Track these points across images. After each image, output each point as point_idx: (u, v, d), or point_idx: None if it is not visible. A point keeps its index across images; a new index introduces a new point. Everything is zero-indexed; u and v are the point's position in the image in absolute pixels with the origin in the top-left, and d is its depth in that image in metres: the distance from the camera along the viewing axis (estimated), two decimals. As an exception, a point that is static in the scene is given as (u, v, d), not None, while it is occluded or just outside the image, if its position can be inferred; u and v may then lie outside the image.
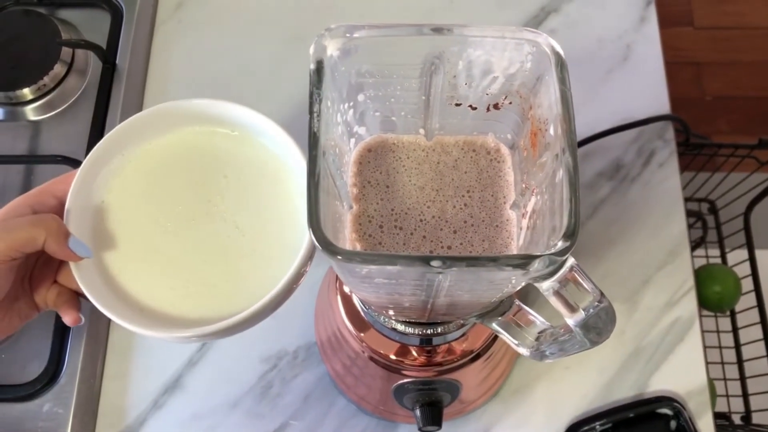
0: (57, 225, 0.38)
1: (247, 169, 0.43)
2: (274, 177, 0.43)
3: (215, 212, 0.42)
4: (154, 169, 0.43)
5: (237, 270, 0.41)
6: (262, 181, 0.43)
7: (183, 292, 0.40)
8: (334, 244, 0.31)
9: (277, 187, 0.42)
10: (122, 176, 0.43)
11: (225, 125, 0.44)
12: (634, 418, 0.61)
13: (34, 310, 0.42)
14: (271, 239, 0.41)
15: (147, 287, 0.40)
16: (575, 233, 0.31)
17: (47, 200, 0.41)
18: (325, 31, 0.34)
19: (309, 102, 0.33)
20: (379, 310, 0.47)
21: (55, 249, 0.38)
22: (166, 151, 0.43)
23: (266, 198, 0.42)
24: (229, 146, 0.44)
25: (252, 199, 0.42)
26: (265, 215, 0.42)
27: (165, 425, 0.62)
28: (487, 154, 0.42)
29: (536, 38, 0.34)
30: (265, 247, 0.41)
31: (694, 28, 1.64)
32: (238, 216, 0.42)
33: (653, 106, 0.72)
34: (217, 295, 0.40)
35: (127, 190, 0.42)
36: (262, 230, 0.42)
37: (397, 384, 0.54)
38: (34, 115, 0.72)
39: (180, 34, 0.77)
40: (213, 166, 0.43)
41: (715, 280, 0.97)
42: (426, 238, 0.40)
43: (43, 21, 0.73)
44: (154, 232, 0.42)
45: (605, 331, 0.34)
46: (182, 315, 0.40)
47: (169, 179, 0.43)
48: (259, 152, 0.43)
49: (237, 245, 0.41)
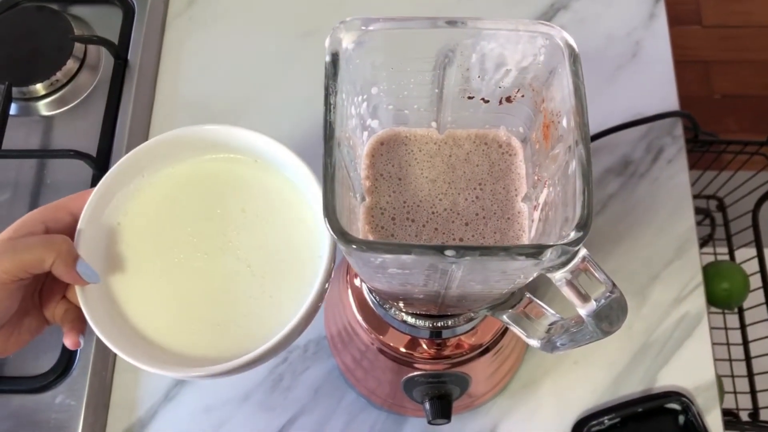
0: (67, 247, 0.38)
1: (266, 201, 0.42)
2: (292, 214, 0.41)
3: (229, 248, 0.41)
4: (172, 196, 0.42)
5: (244, 311, 0.40)
6: (279, 215, 0.41)
7: (187, 329, 0.39)
8: (349, 234, 0.31)
9: (295, 225, 0.41)
10: (139, 200, 0.42)
11: (246, 153, 0.43)
12: (642, 413, 0.61)
13: (43, 324, 0.42)
14: (282, 282, 0.40)
15: (151, 319, 0.39)
16: (588, 224, 0.31)
17: (62, 216, 0.40)
18: (341, 24, 0.35)
19: (324, 94, 0.34)
20: (390, 302, 0.48)
21: (62, 272, 0.37)
22: (185, 178, 0.42)
23: (282, 237, 0.41)
24: (249, 176, 0.42)
25: (268, 238, 0.41)
26: (279, 256, 0.41)
27: (176, 417, 0.62)
28: (499, 147, 0.42)
29: (550, 31, 0.35)
30: (275, 289, 0.40)
31: (702, 27, 1.64)
32: (252, 254, 0.41)
33: (662, 102, 0.72)
34: (221, 335, 0.39)
35: (143, 215, 0.41)
36: (274, 272, 0.40)
37: (407, 377, 0.54)
38: (46, 110, 0.72)
39: (191, 30, 0.78)
40: (232, 197, 0.42)
41: (723, 277, 0.97)
42: (438, 230, 0.40)
43: (56, 17, 0.74)
44: (165, 262, 0.40)
45: (617, 321, 0.34)
46: (182, 352, 0.39)
47: (186, 207, 0.42)
48: (278, 183, 0.42)
49: (247, 285, 0.40)
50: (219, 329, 0.39)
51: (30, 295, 0.41)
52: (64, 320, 0.40)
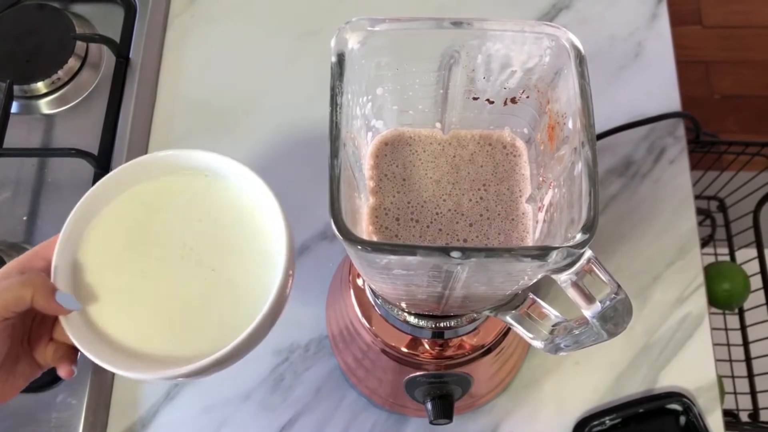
0: (42, 281, 0.40)
1: (221, 211, 0.44)
2: (246, 217, 0.44)
3: (191, 255, 0.43)
4: (130, 219, 0.44)
5: (216, 310, 0.42)
6: (235, 221, 0.44)
7: (168, 336, 0.42)
8: (354, 234, 0.31)
9: (250, 226, 0.44)
10: (101, 229, 0.44)
11: (197, 172, 0.45)
12: (643, 414, 0.61)
13: (36, 369, 0.43)
14: (247, 278, 0.42)
15: (132, 334, 0.42)
16: (594, 226, 0.31)
17: (36, 263, 0.42)
18: (347, 24, 0.35)
19: (330, 94, 0.33)
20: (393, 303, 0.48)
21: (43, 304, 0.39)
22: (141, 200, 0.45)
23: (240, 238, 0.44)
24: (202, 191, 0.45)
25: (226, 241, 0.44)
26: (240, 255, 0.43)
27: (177, 417, 0.62)
28: (503, 148, 0.42)
29: (555, 32, 0.35)
30: (241, 286, 0.42)
31: (703, 27, 1.64)
32: (214, 258, 0.43)
33: (664, 103, 0.72)
34: (200, 336, 0.41)
35: (107, 242, 0.44)
36: (237, 270, 0.43)
37: (409, 377, 0.54)
38: (48, 108, 0.72)
39: (193, 29, 0.78)
40: (187, 209, 0.45)
41: (723, 277, 0.97)
42: (442, 231, 0.40)
43: (57, 15, 0.73)
44: (134, 280, 0.43)
45: (622, 322, 0.34)
46: (159, 356, 0.41)
47: (145, 227, 0.44)
48: (230, 194, 0.45)
49: (214, 286, 0.43)
50: (196, 331, 0.42)
51: (19, 341, 0.42)
52: (54, 359, 0.43)
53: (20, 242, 0.67)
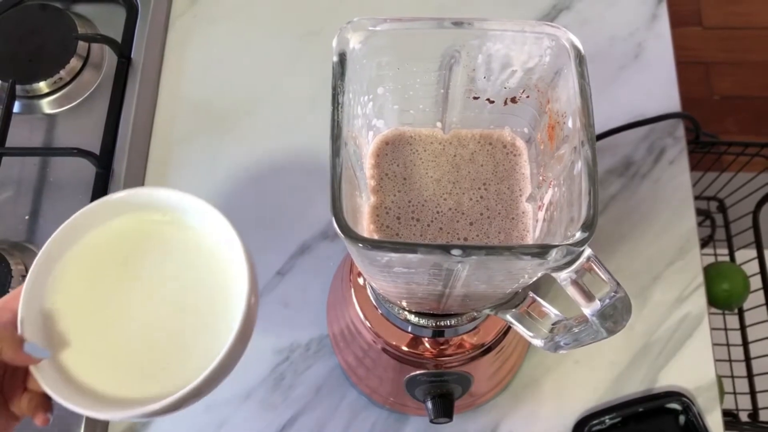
0: (10, 334, 0.40)
1: (184, 248, 0.45)
2: (209, 253, 0.45)
3: (155, 294, 0.44)
4: (93, 263, 0.45)
5: (183, 347, 0.43)
6: (197, 257, 0.45)
7: (138, 376, 0.42)
8: (356, 232, 0.31)
9: (213, 262, 0.44)
10: (65, 277, 0.45)
11: (155, 211, 0.46)
12: (643, 413, 0.61)
13: (12, 421, 0.44)
14: (213, 315, 0.43)
15: (105, 377, 0.43)
16: (594, 224, 0.31)
17: (2, 315, 0.42)
18: (348, 24, 0.35)
19: (332, 94, 0.34)
20: (394, 301, 0.48)
21: (12, 356, 0.39)
22: (102, 243, 0.45)
23: (204, 274, 0.44)
24: (162, 229, 0.46)
25: (189, 277, 0.44)
26: (204, 291, 0.44)
27: (178, 416, 0.61)
28: (504, 148, 0.42)
29: (556, 32, 0.35)
30: (206, 321, 0.43)
31: (703, 28, 1.64)
32: (178, 295, 0.44)
33: (664, 103, 0.72)
34: (169, 374, 0.42)
35: (72, 289, 0.44)
36: (203, 308, 0.44)
37: (409, 376, 0.54)
38: (50, 108, 0.73)
39: (194, 29, 0.78)
40: (148, 249, 0.45)
41: (723, 277, 0.98)
42: (442, 230, 0.40)
43: (59, 15, 0.74)
44: (100, 324, 0.44)
45: (621, 320, 0.34)
46: (143, 396, 0.41)
47: (109, 269, 0.45)
48: (191, 230, 0.45)
49: (180, 323, 0.43)
50: (166, 370, 0.42)
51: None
52: (29, 408, 0.43)
53: (22, 241, 0.67)
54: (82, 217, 0.45)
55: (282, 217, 0.69)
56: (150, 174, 0.71)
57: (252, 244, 0.67)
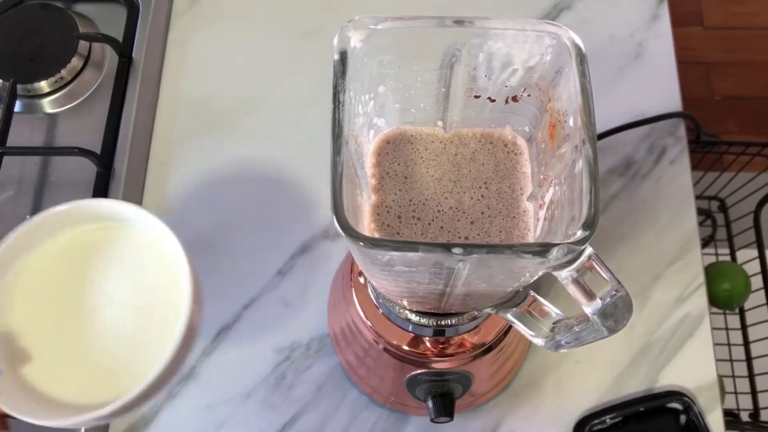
0: None
1: (130, 253, 0.47)
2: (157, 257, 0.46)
3: (107, 301, 0.46)
4: (43, 276, 0.46)
5: (138, 349, 0.45)
6: (147, 263, 0.47)
7: (100, 382, 0.44)
8: (356, 230, 0.31)
9: (160, 266, 0.46)
10: (15, 294, 0.45)
11: (102, 220, 0.47)
12: (643, 413, 0.61)
13: None
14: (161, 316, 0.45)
15: (66, 387, 0.44)
16: (595, 223, 0.31)
17: None
18: (349, 23, 0.35)
19: (333, 92, 0.34)
20: (395, 300, 0.48)
21: None
22: (51, 256, 0.47)
23: (153, 278, 0.46)
24: (111, 238, 0.47)
25: (139, 283, 0.46)
26: (154, 295, 0.46)
27: (179, 415, 0.62)
28: (504, 147, 0.42)
29: (557, 31, 0.35)
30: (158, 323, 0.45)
31: (704, 28, 1.64)
32: (130, 300, 0.46)
33: (665, 103, 0.72)
34: (130, 376, 0.43)
35: (24, 305, 0.46)
36: (153, 309, 0.45)
37: (410, 375, 0.54)
38: (51, 107, 0.73)
39: (195, 29, 0.78)
40: (98, 258, 0.47)
41: (724, 277, 0.98)
42: (443, 229, 0.40)
43: (60, 15, 0.74)
44: (56, 335, 0.45)
45: (622, 319, 0.34)
46: (105, 401, 0.42)
47: (60, 281, 0.46)
48: (137, 238, 0.47)
49: (134, 328, 0.45)
50: (120, 374, 0.44)
51: None
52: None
53: (23, 241, 0.67)
54: (25, 232, 0.46)
55: (283, 216, 0.69)
56: (150, 173, 0.71)
57: (253, 243, 0.68)
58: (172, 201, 0.70)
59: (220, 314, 0.65)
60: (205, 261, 0.66)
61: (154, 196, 0.70)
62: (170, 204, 0.70)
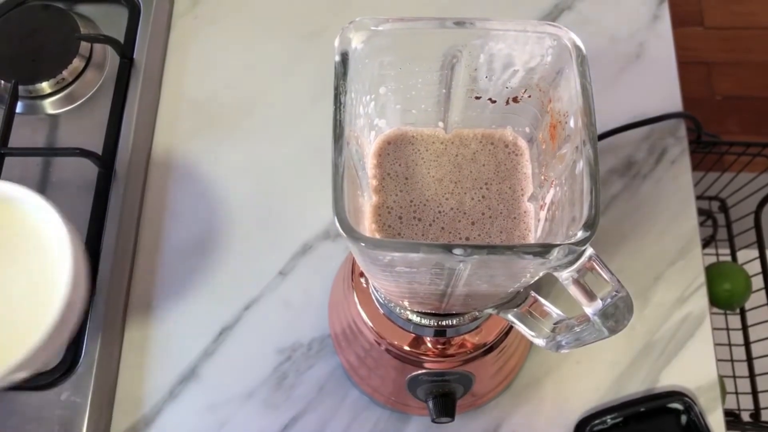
0: None
1: (12, 231, 0.48)
2: (35, 235, 0.48)
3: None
4: None
5: (14, 328, 0.47)
6: (24, 241, 0.48)
7: None
8: (358, 231, 0.32)
9: (38, 245, 0.48)
10: None
11: None
12: (644, 413, 0.61)
13: None
14: (38, 298, 0.47)
15: None
16: (596, 223, 0.31)
17: None
18: (350, 24, 0.35)
19: (334, 93, 0.34)
20: (396, 301, 0.48)
21: None
22: None
23: (27, 256, 0.48)
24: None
25: (13, 260, 0.47)
26: (29, 274, 0.47)
27: (180, 415, 0.62)
28: (505, 147, 0.42)
29: (557, 32, 0.35)
30: (35, 304, 0.47)
31: (705, 28, 1.64)
32: (8, 281, 0.47)
33: (665, 103, 0.73)
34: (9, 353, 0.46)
35: None
36: (31, 292, 0.47)
37: (411, 375, 0.54)
38: (52, 108, 0.73)
39: (197, 29, 0.78)
40: None
41: (725, 277, 0.98)
42: (444, 230, 0.40)
43: (62, 16, 0.74)
44: None
45: (623, 319, 0.34)
46: None
47: None
48: (17, 215, 0.48)
49: (10, 307, 0.47)
50: None
51: None
52: None
53: (25, 241, 0.67)
54: None
55: (284, 217, 0.69)
56: (152, 174, 0.71)
57: (254, 243, 0.68)
58: (173, 201, 0.70)
59: (222, 314, 0.65)
60: (206, 261, 0.67)
61: (156, 197, 0.70)
62: (171, 204, 0.70)
